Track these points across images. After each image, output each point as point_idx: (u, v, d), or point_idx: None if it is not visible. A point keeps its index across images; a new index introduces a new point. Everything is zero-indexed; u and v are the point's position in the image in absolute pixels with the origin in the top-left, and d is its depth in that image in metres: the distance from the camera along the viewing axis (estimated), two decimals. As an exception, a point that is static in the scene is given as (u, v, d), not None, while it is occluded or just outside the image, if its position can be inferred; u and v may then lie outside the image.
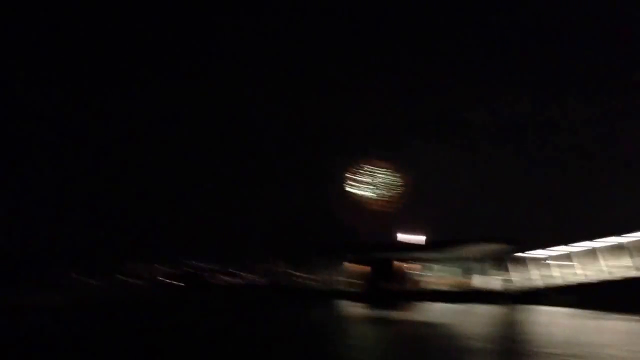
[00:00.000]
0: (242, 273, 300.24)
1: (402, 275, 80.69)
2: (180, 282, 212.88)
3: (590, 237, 62.01)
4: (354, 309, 57.92)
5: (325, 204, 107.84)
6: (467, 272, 77.89)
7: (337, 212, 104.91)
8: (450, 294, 72.33)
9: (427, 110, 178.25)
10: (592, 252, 62.65)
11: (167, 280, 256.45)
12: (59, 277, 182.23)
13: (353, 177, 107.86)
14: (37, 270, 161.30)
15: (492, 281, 73.29)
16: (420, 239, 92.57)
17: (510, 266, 72.45)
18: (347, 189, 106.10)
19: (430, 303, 65.69)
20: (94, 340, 30.28)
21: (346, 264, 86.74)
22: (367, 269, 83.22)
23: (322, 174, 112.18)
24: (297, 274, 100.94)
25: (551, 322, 42.63)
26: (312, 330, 39.36)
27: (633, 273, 57.75)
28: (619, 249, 60.51)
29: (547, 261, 68.49)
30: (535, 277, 69.33)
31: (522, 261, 71.20)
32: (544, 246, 68.81)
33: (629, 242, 58.71)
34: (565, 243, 65.40)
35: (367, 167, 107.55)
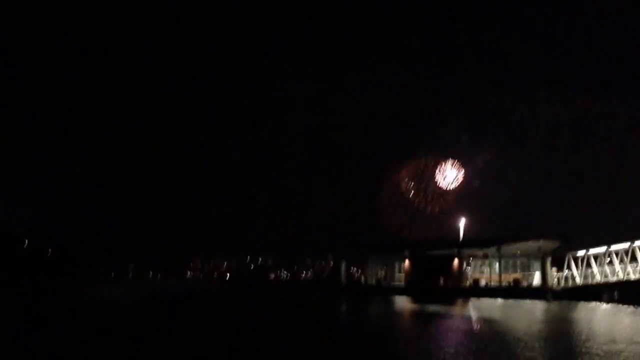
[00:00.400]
0: (300, 269, 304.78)
1: (458, 272, 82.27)
2: (243, 277, 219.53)
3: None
4: (409, 304, 59.62)
5: (379, 203, 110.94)
6: (522, 268, 79.59)
7: (390, 211, 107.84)
8: (505, 289, 73.82)
9: (475, 108, 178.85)
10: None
11: (231, 275, 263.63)
12: (134, 272, 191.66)
13: (408, 176, 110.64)
14: (114, 267, 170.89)
15: (546, 277, 74.54)
16: (474, 236, 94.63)
17: (564, 263, 73.65)
18: (403, 187, 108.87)
19: (486, 299, 67.02)
20: (165, 329, 33.91)
21: (402, 261, 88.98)
22: (422, 265, 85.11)
23: (375, 174, 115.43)
24: (353, 270, 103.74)
25: (610, 318, 42.99)
26: (369, 325, 42.14)
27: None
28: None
29: (602, 257, 69.38)
30: (588, 274, 70.17)
31: (577, 258, 72.31)
32: (598, 243, 69.86)
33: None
34: (618, 241, 66.87)
35: (421, 167, 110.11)
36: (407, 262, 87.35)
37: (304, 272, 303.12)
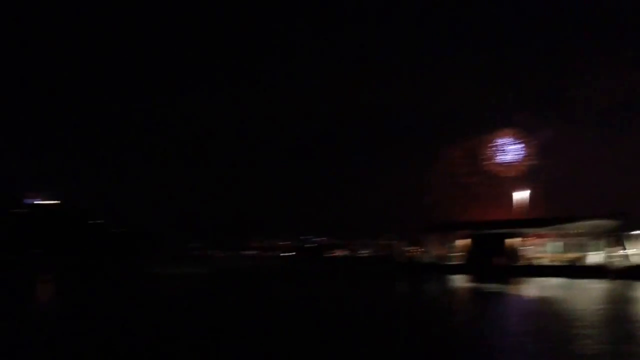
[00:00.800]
0: (357, 247, 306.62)
1: (513, 251, 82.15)
2: (301, 255, 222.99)
3: None
4: (465, 283, 60.41)
5: (435, 181, 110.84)
6: (578, 247, 78.76)
7: (445, 190, 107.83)
8: (564, 269, 73.27)
9: (534, 85, 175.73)
10: None
11: (290, 254, 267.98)
12: (196, 251, 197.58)
13: (464, 154, 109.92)
14: (178, 246, 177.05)
15: (603, 257, 73.75)
16: (530, 215, 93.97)
17: (621, 242, 72.75)
18: (459, 165, 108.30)
19: (544, 278, 66.66)
20: (232, 304, 36.13)
21: (459, 240, 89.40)
22: (478, 244, 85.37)
23: (432, 152, 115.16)
24: (409, 248, 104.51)
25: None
26: (428, 303, 43.05)
27: None
28: None
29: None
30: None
31: (634, 237, 71.27)
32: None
33: None
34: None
35: (479, 144, 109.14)
36: (464, 240, 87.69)
37: (362, 250, 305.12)
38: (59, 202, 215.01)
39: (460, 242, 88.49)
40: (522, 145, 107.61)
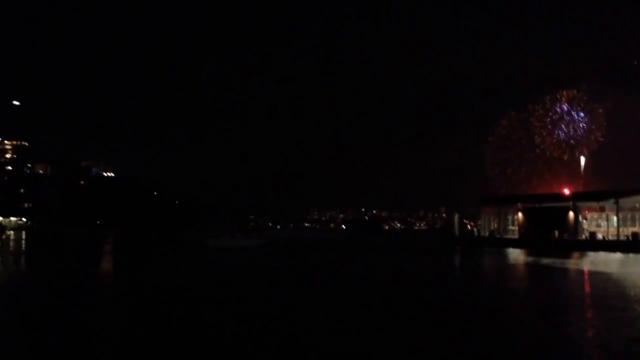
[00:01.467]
0: (414, 220, 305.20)
1: (573, 225, 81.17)
2: (359, 228, 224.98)
3: None
4: (523, 257, 60.01)
5: (493, 154, 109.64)
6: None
7: (505, 162, 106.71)
8: (624, 243, 71.87)
9: (598, 56, 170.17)
10: None
11: (347, 226, 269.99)
12: (254, 223, 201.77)
13: (523, 126, 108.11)
14: (237, 218, 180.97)
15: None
16: (592, 187, 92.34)
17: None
18: (517, 137, 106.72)
19: (603, 252, 65.80)
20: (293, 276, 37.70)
21: (515, 214, 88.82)
22: (535, 217, 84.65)
23: (489, 125, 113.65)
24: (467, 221, 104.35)
25: None
26: (485, 277, 43.64)
27: None
28: None
29: None
30: None
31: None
32: None
33: None
34: None
35: (539, 115, 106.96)
36: (520, 214, 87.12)
37: (417, 223, 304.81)
38: (124, 172, 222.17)
39: (517, 216, 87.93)
40: (584, 115, 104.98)
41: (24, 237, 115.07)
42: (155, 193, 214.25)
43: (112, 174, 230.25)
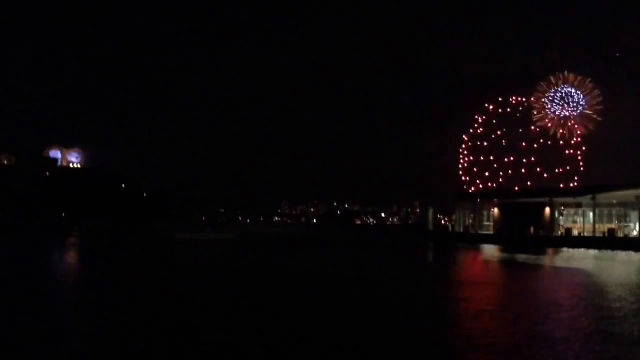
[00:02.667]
0: (387, 215, 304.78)
1: (549, 221, 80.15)
2: (330, 222, 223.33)
3: None
4: (498, 253, 59.10)
5: (463, 148, 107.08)
6: (618, 218, 76.33)
7: (477, 157, 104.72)
8: (600, 240, 71.02)
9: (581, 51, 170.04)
10: None
11: (318, 220, 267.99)
12: (224, 217, 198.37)
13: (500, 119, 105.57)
14: (205, 211, 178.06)
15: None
16: (568, 184, 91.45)
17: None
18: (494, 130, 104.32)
19: (579, 249, 64.87)
20: (262, 271, 35.61)
21: (491, 209, 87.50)
22: (512, 214, 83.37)
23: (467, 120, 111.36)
24: (440, 217, 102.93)
25: None
26: (458, 274, 42.06)
27: None
28: None
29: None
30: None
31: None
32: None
33: None
34: None
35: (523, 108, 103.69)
36: (496, 210, 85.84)
37: (390, 218, 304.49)
38: (91, 164, 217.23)
39: (493, 211, 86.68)
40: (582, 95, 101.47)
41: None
42: (123, 185, 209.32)
43: (79, 166, 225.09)
